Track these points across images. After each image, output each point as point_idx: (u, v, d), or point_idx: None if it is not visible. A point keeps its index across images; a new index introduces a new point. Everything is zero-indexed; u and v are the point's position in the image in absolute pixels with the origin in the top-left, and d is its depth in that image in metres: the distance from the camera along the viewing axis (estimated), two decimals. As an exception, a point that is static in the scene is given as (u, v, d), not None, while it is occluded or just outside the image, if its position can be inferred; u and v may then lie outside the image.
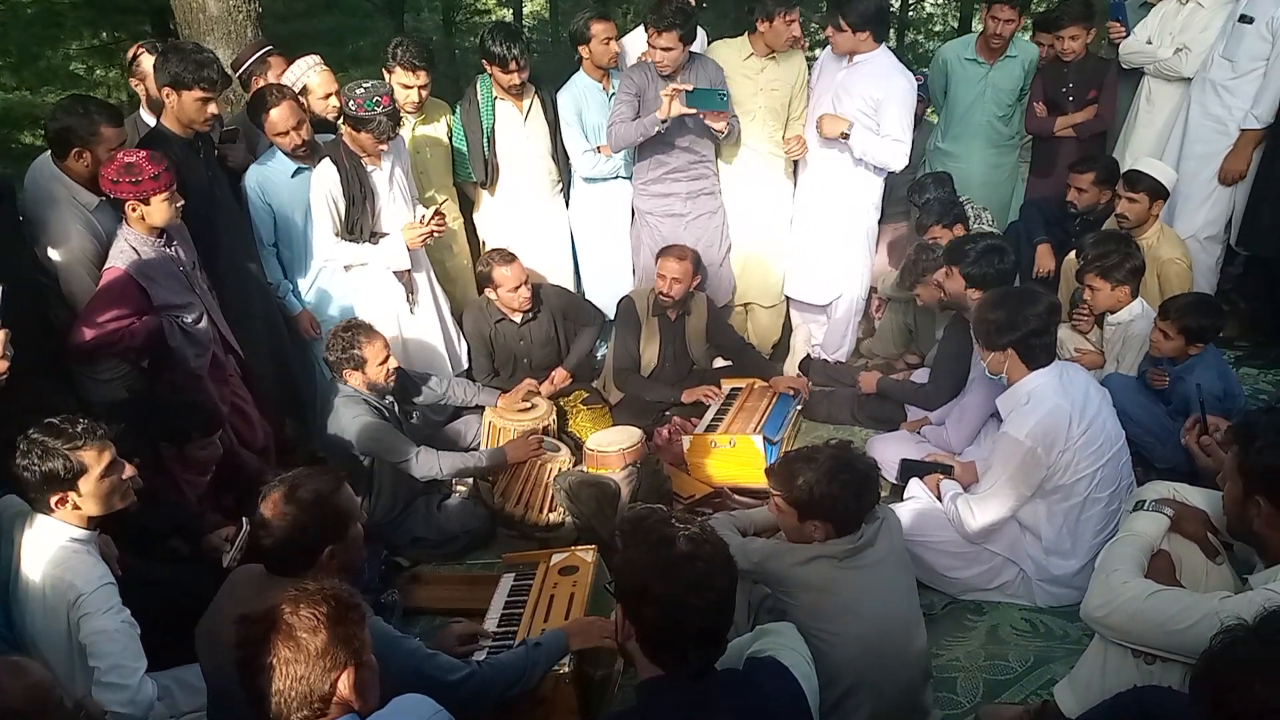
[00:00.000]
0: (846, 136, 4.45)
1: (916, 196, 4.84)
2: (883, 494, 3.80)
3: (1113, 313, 4.02)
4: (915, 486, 3.49)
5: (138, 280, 3.29)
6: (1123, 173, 4.47)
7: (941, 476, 3.50)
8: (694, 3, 4.61)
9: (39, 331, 3.26)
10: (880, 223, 4.98)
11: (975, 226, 4.71)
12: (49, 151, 3.46)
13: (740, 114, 4.64)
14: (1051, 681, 2.85)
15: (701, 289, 4.68)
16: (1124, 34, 5.12)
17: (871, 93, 4.44)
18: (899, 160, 4.52)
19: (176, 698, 2.74)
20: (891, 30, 15.84)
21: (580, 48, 4.76)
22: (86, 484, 2.49)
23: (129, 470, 2.63)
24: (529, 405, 4.29)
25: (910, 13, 18.55)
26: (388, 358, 3.77)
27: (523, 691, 2.54)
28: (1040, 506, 3.19)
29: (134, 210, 3.29)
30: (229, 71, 4.41)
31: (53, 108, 3.68)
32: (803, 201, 4.88)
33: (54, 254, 3.37)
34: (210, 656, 2.33)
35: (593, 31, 4.69)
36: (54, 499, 2.47)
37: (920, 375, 4.41)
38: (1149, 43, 4.99)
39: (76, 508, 2.49)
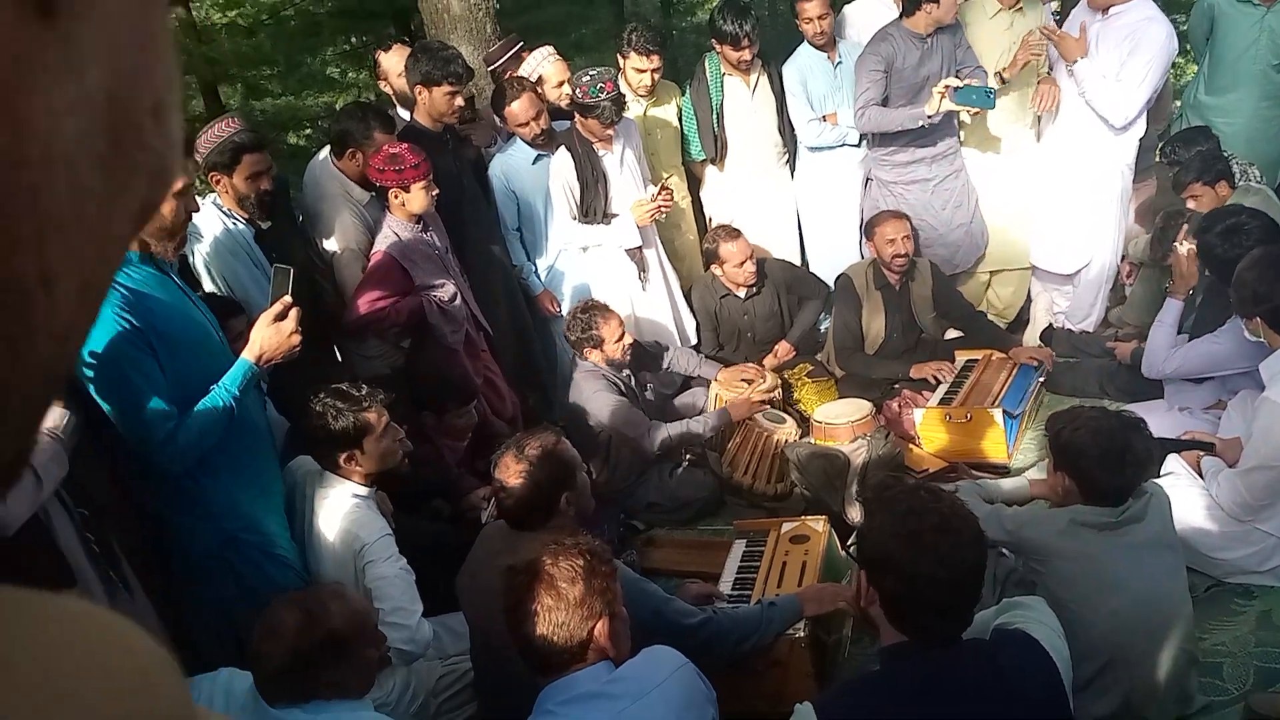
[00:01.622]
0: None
1: (1171, 151, 4.46)
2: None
3: None
4: (1174, 462, 3.26)
5: (401, 262, 3.61)
6: None
7: (1201, 454, 3.26)
8: None
9: (312, 314, 3.64)
10: (1132, 182, 4.65)
11: (1241, 183, 4.29)
12: (326, 150, 3.85)
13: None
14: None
15: (919, 254, 4.56)
16: None
17: (1126, 43, 4.15)
18: (1124, 111, 4.23)
19: (444, 641, 3.01)
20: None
21: (796, 21, 4.75)
22: (369, 442, 2.77)
23: (400, 433, 2.91)
24: (753, 379, 4.35)
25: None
26: (623, 335, 3.93)
27: (756, 648, 2.60)
28: (1318, 482, 2.91)
29: (396, 198, 3.59)
30: (472, 66, 4.70)
31: (338, 112, 4.08)
32: (1050, 162, 4.63)
33: (328, 244, 3.74)
34: (472, 602, 2.56)
35: (798, 11, 4.69)
36: (342, 456, 2.75)
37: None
38: None
39: (359, 466, 2.77)
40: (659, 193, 4.30)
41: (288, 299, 2.53)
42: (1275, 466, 2.91)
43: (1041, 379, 4.29)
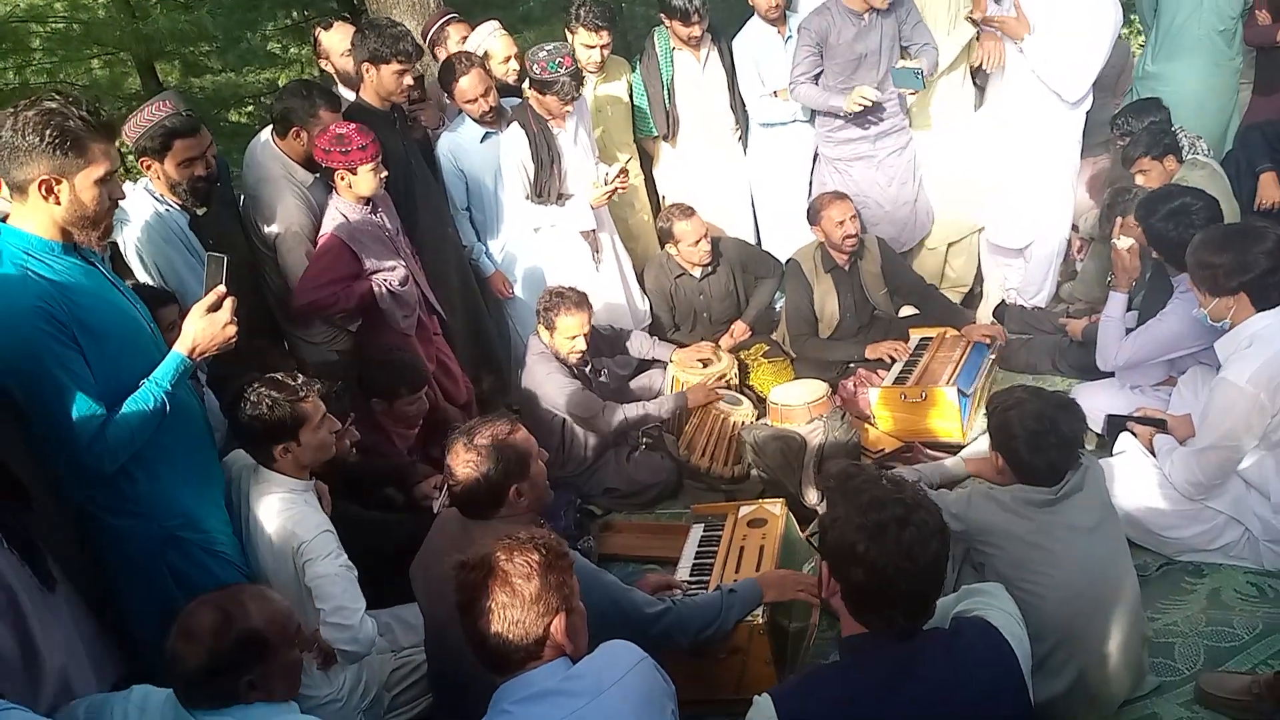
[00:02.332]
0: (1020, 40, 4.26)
1: (1123, 123, 4.48)
2: (1088, 447, 3.63)
3: None
4: (1126, 440, 3.29)
5: (349, 245, 3.50)
6: None
7: (1155, 431, 3.29)
8: None
9: (255, 299, 3.53)
10: (1080, 156, 4.67)
11: (1189, 157, 4.32)
12: (268, 131, 3.71)
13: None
14: (1282, 653, 2.66)
15: (863, 230, 4.56)
16: None
17: (1072, 14, 4.16)
18: (1076, 85, 4.27)
19: (396, 634, 2.96)
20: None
21: None
22: (306, 433, 2.67)
23: (336, 425, 2.81)
24: (708, 359, 4.32)
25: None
26: (578, 337, 3.85)
27: (717, 635, 2.59)
28: (1269, 461, 2.95)
29: (343, 179, 3.48)
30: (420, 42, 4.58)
31: (280, 89, 3.94)
32: (998, 136, 4.64)
33: (271, 228, 3.62)
34: (426, 593, 2.50)
35: None
36: (278, 449, 2.66)
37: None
38: None
39: (295, 458, 2.68)
40: (617, 175, 4.23)
41: (222, 288, 2.43)
42: (1229, 446, 2.93)
43: (993, 356, 4.31)
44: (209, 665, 1.88)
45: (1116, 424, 3.42)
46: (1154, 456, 3.18)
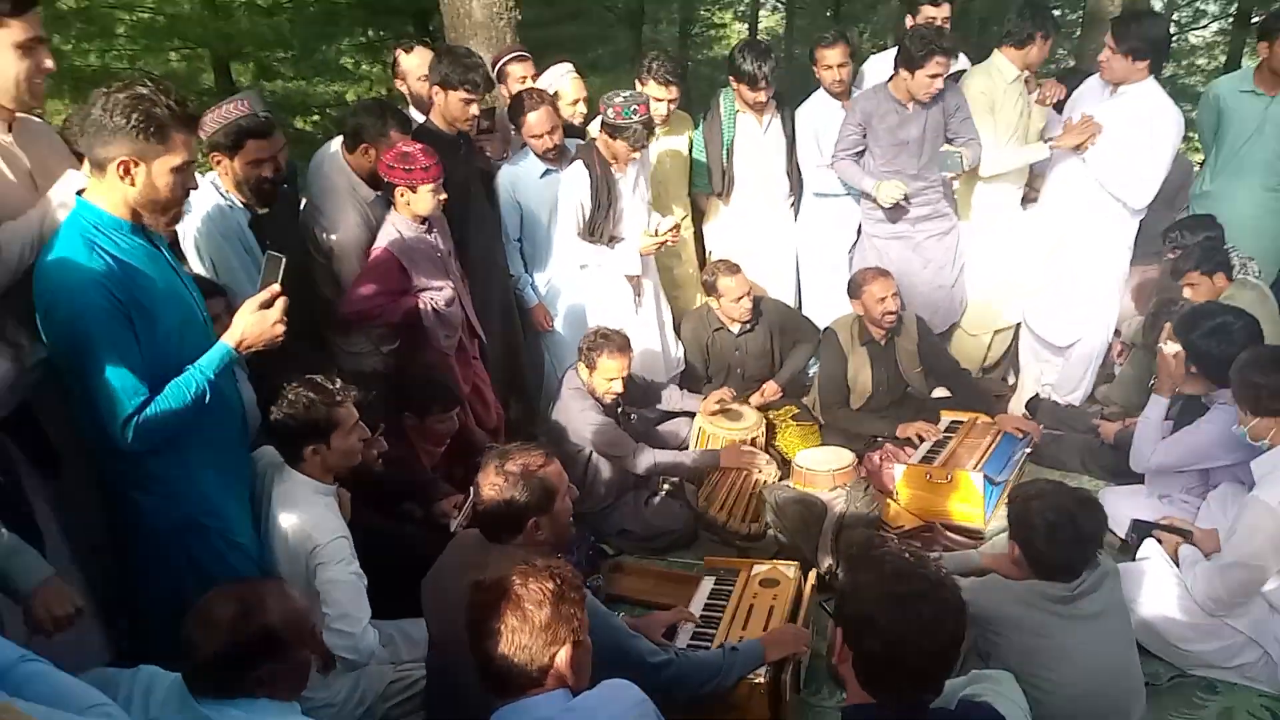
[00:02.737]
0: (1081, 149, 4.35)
1: (1175, 237, 4.50)
2: (1110, 550, 3.59)
3: None
4: (1150, 547, 3.26)
5: (401, 260, 3.56)
6: None
7: (1180, 540, 3.26)
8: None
9: (305, 303, 3.58)
10: (1130, 264, 4.69)
11: (1239, 276, 4.32)
12: (337, 142, 3.80)
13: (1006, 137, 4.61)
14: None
15: (903, 308, 4.57)
16: None
17: (1136, 125, 4.20)
18: (1140, 194, 4.32)
19: (399, 647, 2.97)
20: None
21: (814, 68, 4.80)
22: (337, 438, 2.71)
23: (366, 434, 2.84)
24: (738, 412, 4.34)
25: (1172, 44, 17.24)
26: (616, 379, 3.89)
27: (716, 691, 2.58)
28: (1291, 584, 2.91)
29: (402, 196, 3.56)
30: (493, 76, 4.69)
31: (355, 105, 4.03)
32: (1046, 233, 4.68)
33: (329, 236, 3.69)
34: (434, 609, 2.50)
35: (816, 58, 4.76)
36: (308, 449, 2.69)
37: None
38: None
39: (324, 461, 2.72)
40: (670, 230, 4.29)
41: (276, 287, 2.49)
42: (1254, 566, 2.91)
43: (1028, 450, 4.27)
44: (224, 655, 1.90)
45: (1142, 530, 3.39)
46: (1177, 566, 3.14)
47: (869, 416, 4.53)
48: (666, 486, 4.13)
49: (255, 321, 2.46)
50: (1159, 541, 3.28)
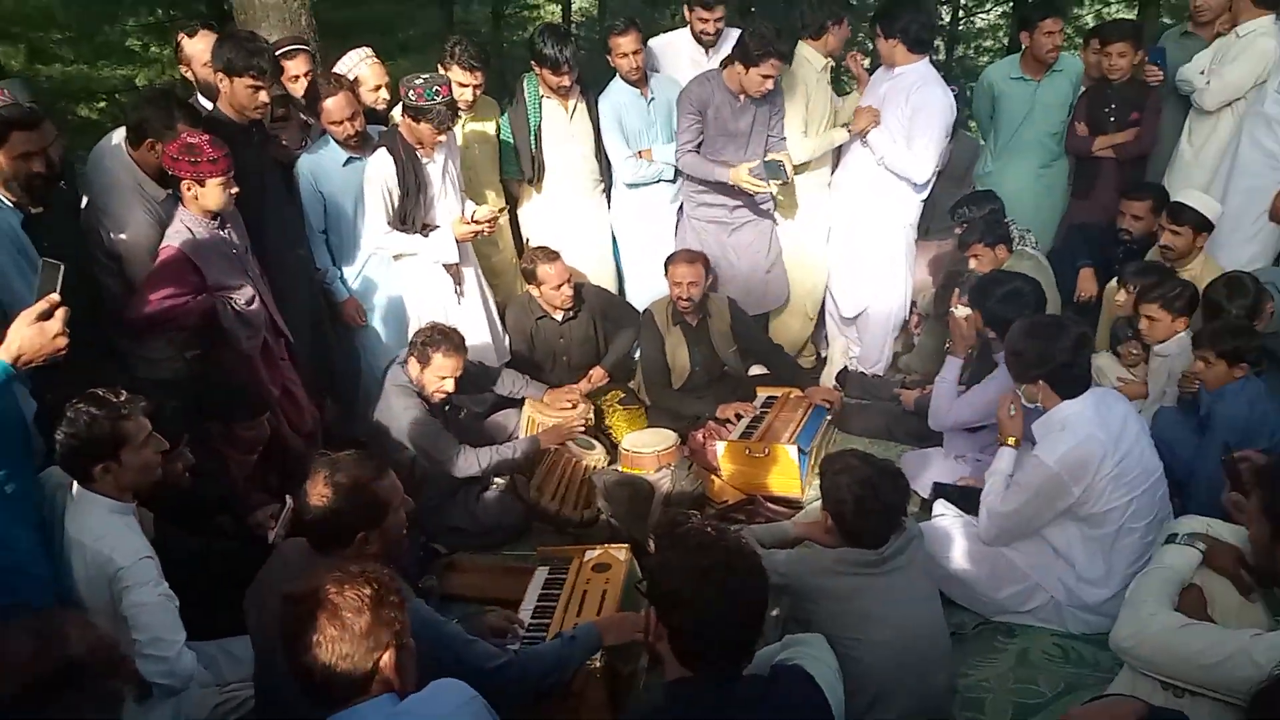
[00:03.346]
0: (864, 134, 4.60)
1: (962, 212, 4.84)
2: (913, 510, 3.84)
3: (1160, 344, 3.98)
4: (942, 505, 3.51)
5: (192, 259, 3.36)
6: (1166, 205, 4.44)
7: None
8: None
9: (89, 309, 3.34)
10: (927, 239, 5.01)
11: (1019, 248, 4.70)
12: (119, 134, 3.54)
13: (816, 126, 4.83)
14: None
15: (714, 289, 4.72)
16: (1161, 78, 5.07)
17: (906, 105, 4.50)
18: (918, 171, 4.59)
19: (222, 667, 2.82)
20: (940, 44, 15.76)
21: (608, 57, 4.82)
22: (128, 453, 2.55)
23: (164, 445, 2.69)
24: (577, 403, 4.37)
25: (961, 27, 18.43)
26: (448, 378, 3.82)
27: (558, 683, 2.59)
28: (1074, 532, 3.19)
29: (189, 190, 3.36)
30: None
31: (138, 96, 3.75)
32: (839, 213, 4.96)
33: (116, 237, 3.44)
34: (259, 623, 2.40)
35: (611, 46, 4.76)
36: (97, 468, 2.52)
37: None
38: (1201, 73, 4.93)
39: (116, 479, 2.56)
40: (487, 219, 4.22)
41: (55, 297, 2.30)
42: (1025, 515, 3.19)
43: (829, 418, 4.49)
44: (23, 696, 1.74)
45: (941, 491, 3.64)
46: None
47: (690, 397, 4.65)
48: (498, 481, 4.10)
49: (34, 334, 2.26)
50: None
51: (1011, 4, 15.97)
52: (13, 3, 9.16)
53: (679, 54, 5.07)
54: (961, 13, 16.31)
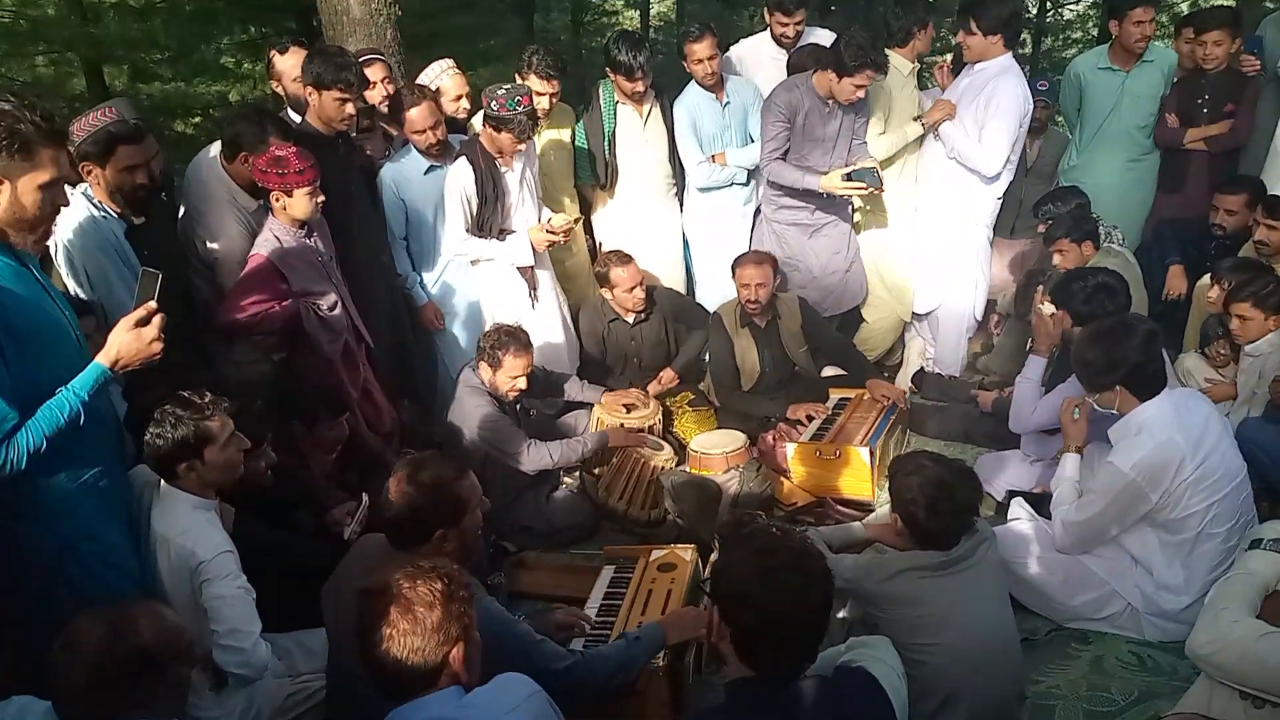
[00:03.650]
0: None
1: (1047, 209, 4.72)
2: (988, 513, 3.78)
3: (1252, 344, 3.83)
4: (1018, 509, 3.44)
5: (279, 267, 3.51)
6: (1263, 199, 4.27)
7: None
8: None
9: (183, 314, 3.51)
10: (1013, 236, 4.91)
11: (1105, 245, 4.57)
12: (215, 148, 3.72)
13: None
14: (1155, 718, 2.79)
15: (784, 289, 4.69)
16: (1258, 67, 4.87)
17: (981, 95, 4.46)
18: (986, 162, 4.52)
19: (296, 659, 2.93)
20: (1027, 36, 15.36)
21: (684, 63, 4.85)
22: (211, 452, 2.66)
23: (245, 445, 2.80)
24: (633, 404, 4.41)
25: (1049, 18, 17.94)
26: (520, 377, 3.91)
27: (622, 684, 2.60)
28: (1151, 539, 3.10)
29: (278, 201, 3.50)
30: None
31: (233, 112, 3.93)
32: (920, 209, 4.91)
33: (210, 246, 3.62)
34: (336, 616, 2.49)
35: (687, 52, 4.78)
36: (181, 466, 2.64)
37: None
38: None
39: (200, 477, 2.67)
40: (562, 229, 4.30)
41: (152, 304, 2.42)
42: (1099, 526, 3.12)
43: (893, 418, 4.38)
44: (96, 682, 1.86)
45: (1013, 494, 3.57)
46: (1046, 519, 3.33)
47: (760, 398, 4.64)
48: (567, 481, 4.17)
49: (131, 340, 2.39)
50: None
51: (1102, -7, 15.47)
52: (118, 27, 9.62)
53: (759, 55, 5.12)
54: (1050, 4, 15.87)
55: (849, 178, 4.35)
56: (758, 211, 4.99)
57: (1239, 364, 3.97)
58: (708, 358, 4.93)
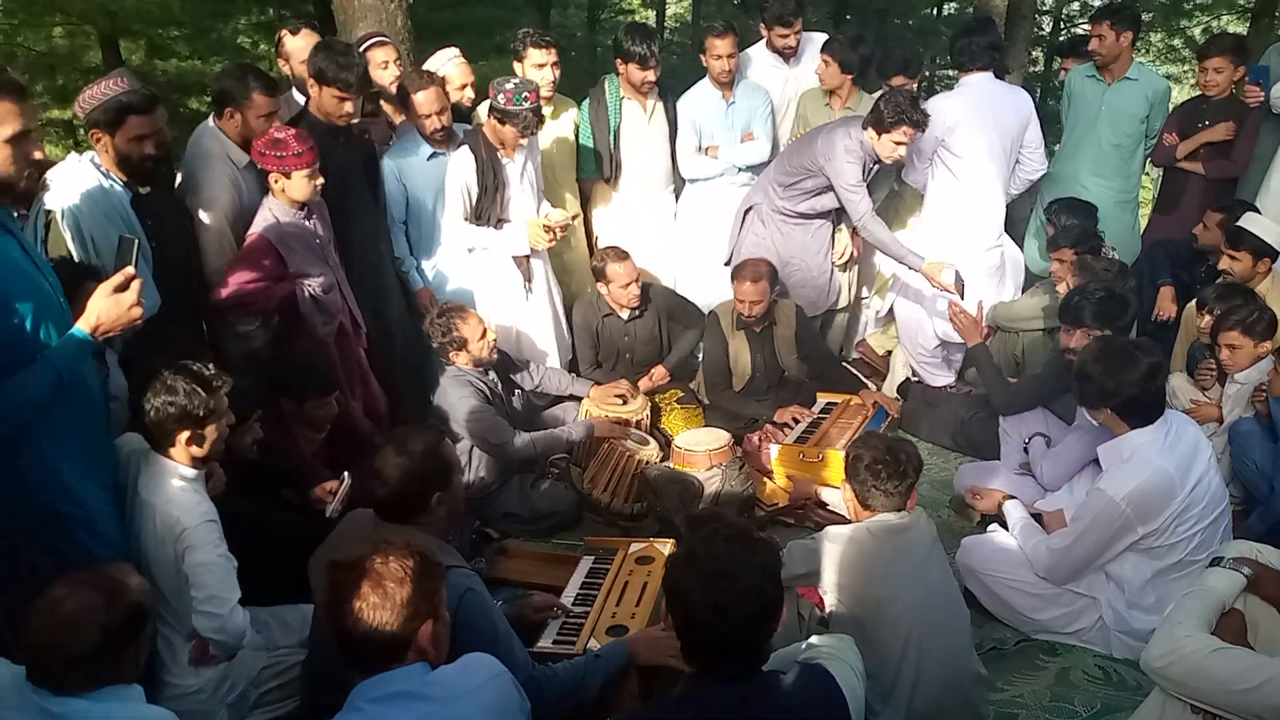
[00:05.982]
0: None
1: (1056, 217, 4.63)
2: (971, 526, 3.82)
3: (1243, 371, 3.82)
4: (1012, 507, 3.48)
5: (276, 247, 3.54)
6: (1229, 228, 4.26)
7: (1004, 495, 3.54)
8: None
9: (184, 284, 3.55)
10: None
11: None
12: (212, 115, 3.78)
13: None
14: (1113, 730, 2.83)
15: (785, 295, 4.73)
16: (1262, 98, 4.88)
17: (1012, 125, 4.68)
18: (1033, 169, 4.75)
19: (274, 632, 2.98)
20: (1040, 54, 15.37)
21: (701, 56, 4.89)
22: (211, 428, 2.70)
23: (232, 420, 2.83)
24: (625, 396, 4.45)
25: (1062, 37, 17.92)
26: (485, 332, 3.97)
27: (580, 704, 2.55)
28: (1129, 559, 3.12)
29: (276, 182, 3.54)
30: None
31: (220, 72, 3.99)
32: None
33: (194, 198, 3.63)
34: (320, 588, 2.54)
35: (706, 47, 4.85)
36: (182, 436, 2.66)
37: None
38: None
39: (195, 448, 2.69)
40: (559, 224, 4.33)
41: (130, 269, 2.43)
42: (1087, 555, 3.13)
43: (886, 424, 4.45)
44: (102, 645, 1.90)
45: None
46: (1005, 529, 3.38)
47: (749, 399, 4.68)
48: (553, 470, 4.21)
49: (110, 305, 2.39)
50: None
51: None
52: (133, 1, 9.65)
53: (761, 64, 5.22)
54: (1063, 24, 15.89)
55: (949, 275, 4.32)
56: (747, 211, 5.01)
57: (1225, 387, 3.99)
58: (700, 356, 4.97)
